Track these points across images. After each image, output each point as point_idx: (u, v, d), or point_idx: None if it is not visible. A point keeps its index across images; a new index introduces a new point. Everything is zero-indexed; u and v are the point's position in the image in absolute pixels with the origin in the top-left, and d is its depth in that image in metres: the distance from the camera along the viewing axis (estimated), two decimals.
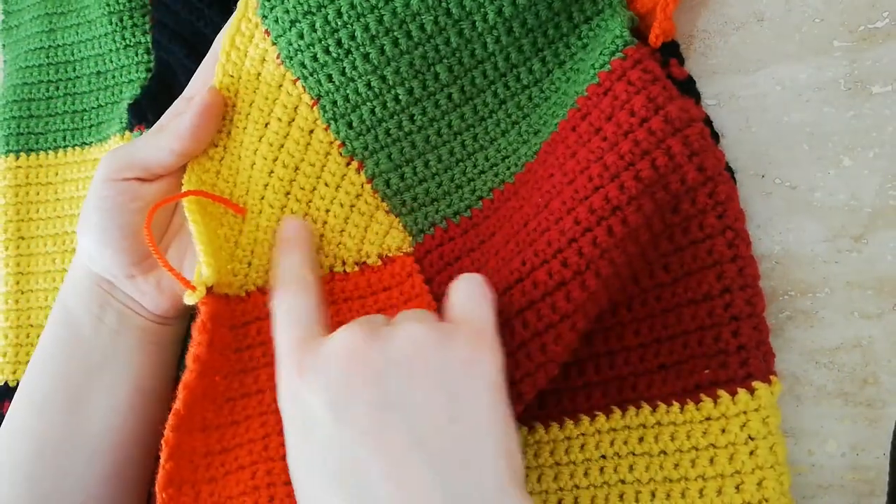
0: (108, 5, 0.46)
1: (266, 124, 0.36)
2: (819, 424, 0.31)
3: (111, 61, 0.47)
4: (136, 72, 0.46)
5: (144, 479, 0.38)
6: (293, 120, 0.36)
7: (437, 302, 0.35)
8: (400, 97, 0.35)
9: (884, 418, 0.30)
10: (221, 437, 0.34)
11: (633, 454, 0.31)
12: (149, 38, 0.46)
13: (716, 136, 0.33)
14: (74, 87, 0.48)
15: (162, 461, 0.32)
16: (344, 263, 0.37)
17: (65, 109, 0.48)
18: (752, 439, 0.29)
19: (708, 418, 0.30)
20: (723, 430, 0.30)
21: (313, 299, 0.32)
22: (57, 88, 0.48)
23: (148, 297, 0.37)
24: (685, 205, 0.30)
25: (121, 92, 0.46)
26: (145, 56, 0.46)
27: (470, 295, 0.30)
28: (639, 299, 0.32)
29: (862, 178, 0.31)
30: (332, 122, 0.35)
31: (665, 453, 0.31)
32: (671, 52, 0.33)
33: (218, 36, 0.38)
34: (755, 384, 0.29)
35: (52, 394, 0.36)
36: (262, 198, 0.36)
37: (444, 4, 0.33)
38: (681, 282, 0.31)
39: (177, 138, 0.35)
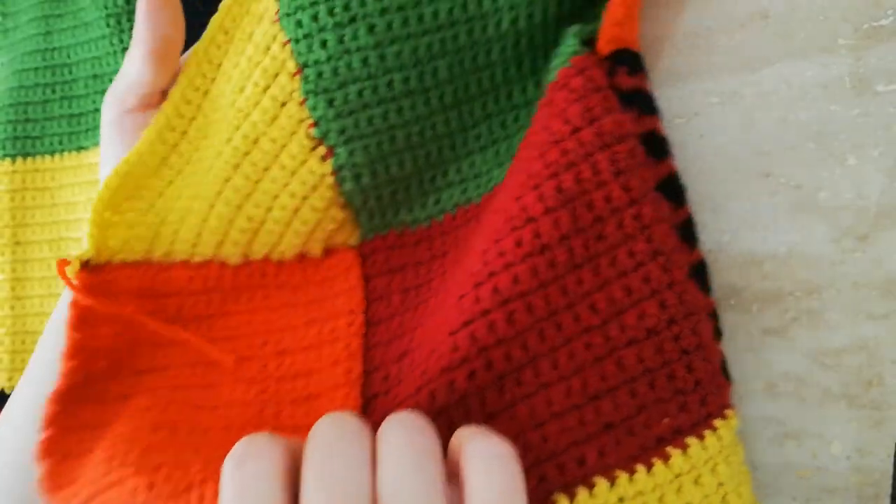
0: (106, 7, 0.45)
1: (241, 89, 0.33)
2: (824, 426, 0.31)
3: (108, 64, 0.47)
4: None
5: None
6: (269, 87, 0.32)
7: (366, 303, 0.33)
8: (394, 83, 0.31)
9: (889, 420, 0.30)
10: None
11: None
12: None
13: (661, 152, 0.30)
14: (71, 90, 0.47)
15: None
16: (282, 253, 0.35)
17: (61, 113, 0.47)
18: (721, 485, 0.27)
19: (679, 475, 0.26)
20: (696, 482, 0.26)
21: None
22: (53, 91, 0.48)
23: None
24: (610, 228, 0.27)
25: None
26: None
27: (497, 487, 0.22)
28: (564, 351, 0.27)
29: (868, 177, 0.31)
30: (311, 95, 0.31)
31: None
32: (628, 60, 0.30)
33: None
34: (716, 422, 0.27)
35: None
36: (210, 167, 0.34)
37: None
38: (613, 322, 0.27)
39: (138, 42, 0.34)
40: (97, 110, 0.47)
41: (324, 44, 0.31)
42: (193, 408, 0.31)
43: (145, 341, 0.33)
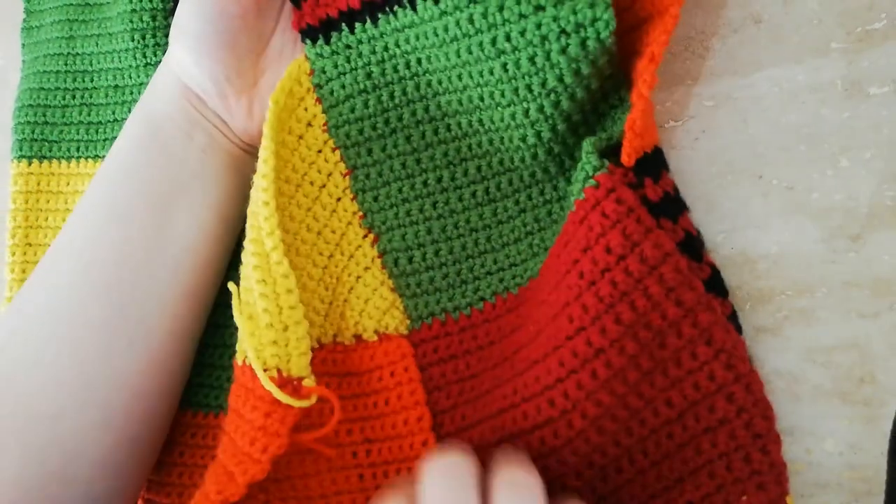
0: (132, 21, 0.45)
1: (298, 186, 0.37)
2: (817, 423, 0.31)
3: (130, 77, 0.47)
4: None
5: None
6: (324, 186, 0.37)
7: (426, 394, 0.36)
8: (429, 182, 0.37)
9: (881, 417, 0.30)
10: None
11: None
12: None
13: (699, 251, 0.32)
14: (91, 97, 0.48)
15: None
16: (343, 332, 0.37)
17: (80, 120, 0.48)
18: None
19: None
20: None
21: None
22: (73, 97, 0.48)
23: (237, 120, 0.36)
24: (671, 339, 0.29)
25: None
26: None
27: None
28: (652, 440, 0.30)
29: (859, 179, 0.31)
30: (360, 192, 0.37)
31: None
32: (651, 167, 0.32)
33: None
34: (788, 499, 0.29)
35: (136, 205, 0.35)
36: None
37: (482, 116, 0.35)
38: (689, 413, 0.30)
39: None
40: (116, 121, 0.47)
41: (369, 152, 0.37)
42: (304, 499, 0.34)
43: None
